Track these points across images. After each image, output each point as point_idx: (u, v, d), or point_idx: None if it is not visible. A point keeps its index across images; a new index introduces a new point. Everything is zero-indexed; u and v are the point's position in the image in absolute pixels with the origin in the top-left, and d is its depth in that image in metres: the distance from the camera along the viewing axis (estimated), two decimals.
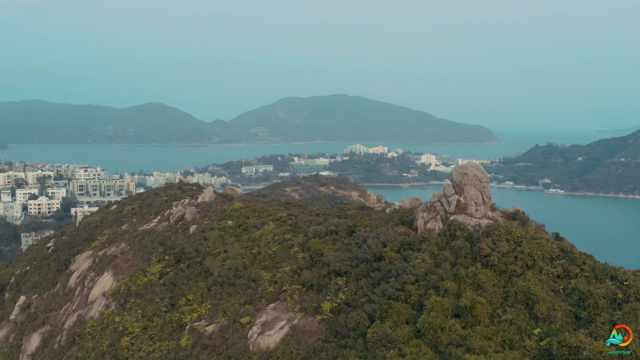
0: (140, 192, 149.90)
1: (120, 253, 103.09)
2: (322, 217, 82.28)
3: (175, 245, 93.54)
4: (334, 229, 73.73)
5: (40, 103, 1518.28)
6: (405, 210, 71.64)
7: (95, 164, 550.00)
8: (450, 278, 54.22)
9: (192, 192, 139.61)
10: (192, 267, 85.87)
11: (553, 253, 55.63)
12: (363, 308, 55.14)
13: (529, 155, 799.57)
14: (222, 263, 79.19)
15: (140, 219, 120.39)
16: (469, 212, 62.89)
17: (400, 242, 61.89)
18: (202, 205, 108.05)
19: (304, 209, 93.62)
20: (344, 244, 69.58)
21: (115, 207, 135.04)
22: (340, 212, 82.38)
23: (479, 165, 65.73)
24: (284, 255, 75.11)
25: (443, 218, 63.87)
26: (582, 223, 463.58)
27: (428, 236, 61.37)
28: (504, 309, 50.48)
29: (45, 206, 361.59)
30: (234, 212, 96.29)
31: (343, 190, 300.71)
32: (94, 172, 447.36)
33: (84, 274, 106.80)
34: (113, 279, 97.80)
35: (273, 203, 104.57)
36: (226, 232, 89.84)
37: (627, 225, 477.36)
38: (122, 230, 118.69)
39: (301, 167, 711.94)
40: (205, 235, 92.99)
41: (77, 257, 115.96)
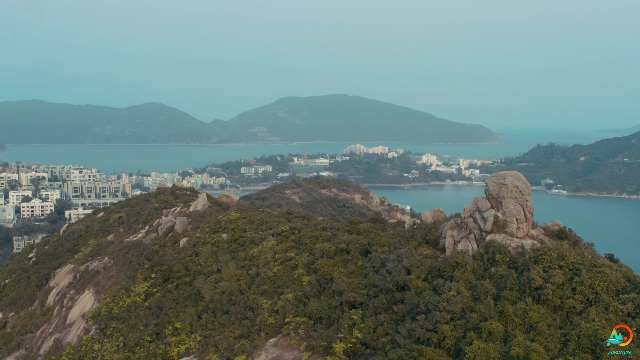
0: (130, 198, 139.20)
1: (103, 268, 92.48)
2: (330, 232, 71.33)
3: (163, 261, 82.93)
4: (345, 247, 62.98)
5: (39, 103, 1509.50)
6: (428, 226, 60.92)
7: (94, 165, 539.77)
8: (494, 317, 43.50)
9: (185, 198, 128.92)
10: (181, 288, 75.24)
11: (619, 284, 45.05)
12: (386, 354, 44.35)
13: (531, 155, 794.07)
14: (215, 285, 68.52)
15: (127, 229, 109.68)
16: (509, 231, 52.30)
17: (427, 267, 51.20)
18: (194, 215, 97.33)
19: (308, 221, 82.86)
20: (358, 266, 58.74)
21: (102, 214, 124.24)
22: (350, 226, 71.49)
23: (519, 175, 55.12)
24: (286, 278, 64.34)
25: (477, 237, 53.29)
26: (588, 224, 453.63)
27: (462, 261, 50.61)
28: (564, 358, 39.92)
29: (38, 208, 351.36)
30: (229, 223, 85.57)
31: (345, 193, 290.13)
32: (89, 173, 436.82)
33: (63, 291, 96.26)
34: (94, 299, 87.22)
35: (273, 214, 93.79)
36: (220, 247, 79.13)
37: (633, 227, 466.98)
38: (107, 241, 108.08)
39: (301, 168, 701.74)
40: (196, 250, 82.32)
41: (57, 271, 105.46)
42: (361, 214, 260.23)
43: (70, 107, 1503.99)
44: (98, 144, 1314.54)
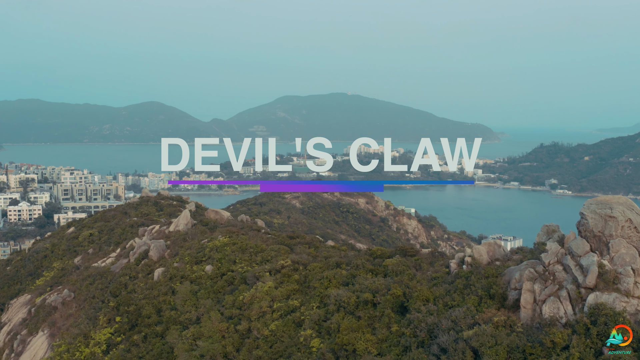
0: (107, 210, 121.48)
1: (62, 303, 74.74)
2: (347, 271, 53.19)
3: (131, 300, 65.29)
4: (370, 299, 45.22)
5: (36, 102, 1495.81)
6: (488, 271, 43.01)
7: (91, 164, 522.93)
8: None
9: (170, 210, 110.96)
10: (150, 341, 57.58)
11: None
12: None
13: (534, 154, 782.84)
14: (192, 344, 50.88)
15: (97, 250, 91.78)
16: (623, 288, 34.75)
17: (505, 347, 33.42)
18: (174, 236, 79.40)
19: (315, 250, 64.87)
20: (392, 333, 40.83)
21: (73, 230, 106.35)
22: (373, 263, 53.15)
23: (631, 202, 37.45)
24: (288, 340, 46.50)
25: (573, 296, 35.71)
26: None
27: (560, 340, 32.76)
28: None
29: (26, 212, 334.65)
30: (215, 252, 67.76)
31: (348, 197, 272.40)
32: (81, 174, 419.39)
33: (15, 329, 78.59)
34: (47, 344, 69.62)
35: (270, 236, 75.84)
36: (202, 285, 61.41)
37: None
38: (73, 265, 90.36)
39: (300, 168, 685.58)
40: (172, 287, 64.54)
41: (13, 301, 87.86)
42: (366, 220, 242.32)
43: (68, 106, 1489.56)
44: (96, 143, 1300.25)
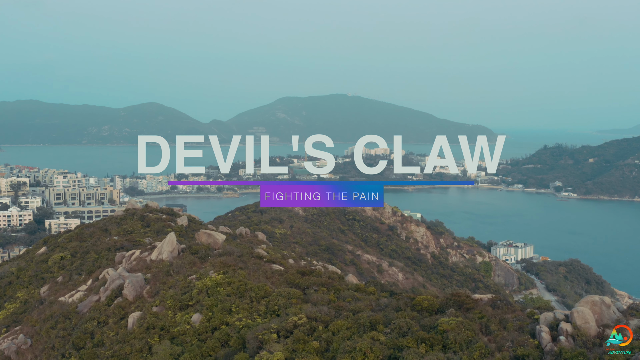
0: (86, 226, 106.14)
1: (16, 353, 59.99)
2: (386, 336, 37.34)
3: (96, 357, 50.33)
4: None
5: (35, 103, 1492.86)
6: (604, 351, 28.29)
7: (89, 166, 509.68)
8: None
9: (158, 226, 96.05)
10: None
11: None
12: None
13: (538, 156, 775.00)
14: None
15: (67, 279, 77.08)
16: None
17: None
18: (156, 267, 64.64)
19: (336, 294, 49.70)
20: None
21: (44, 250, 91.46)
22: (422, 323, 37.59)
23: None
24: None
25: None
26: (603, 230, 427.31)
27: None
28: None
29: (15, 218, 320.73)
30: (205, 295, 52.96)
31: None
32: (74, 178, 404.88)
33: None
34: None
35: (276, 271, 60.81)
36: (186, 347, 46.58)
37: None
38: (38, 296, 75.40)
39: (301, 170, 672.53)
40: (150, 344, 49.61)
41: None
42: (374, 229, 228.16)
43: (66, 107, 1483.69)
44: (95, 144, 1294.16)
